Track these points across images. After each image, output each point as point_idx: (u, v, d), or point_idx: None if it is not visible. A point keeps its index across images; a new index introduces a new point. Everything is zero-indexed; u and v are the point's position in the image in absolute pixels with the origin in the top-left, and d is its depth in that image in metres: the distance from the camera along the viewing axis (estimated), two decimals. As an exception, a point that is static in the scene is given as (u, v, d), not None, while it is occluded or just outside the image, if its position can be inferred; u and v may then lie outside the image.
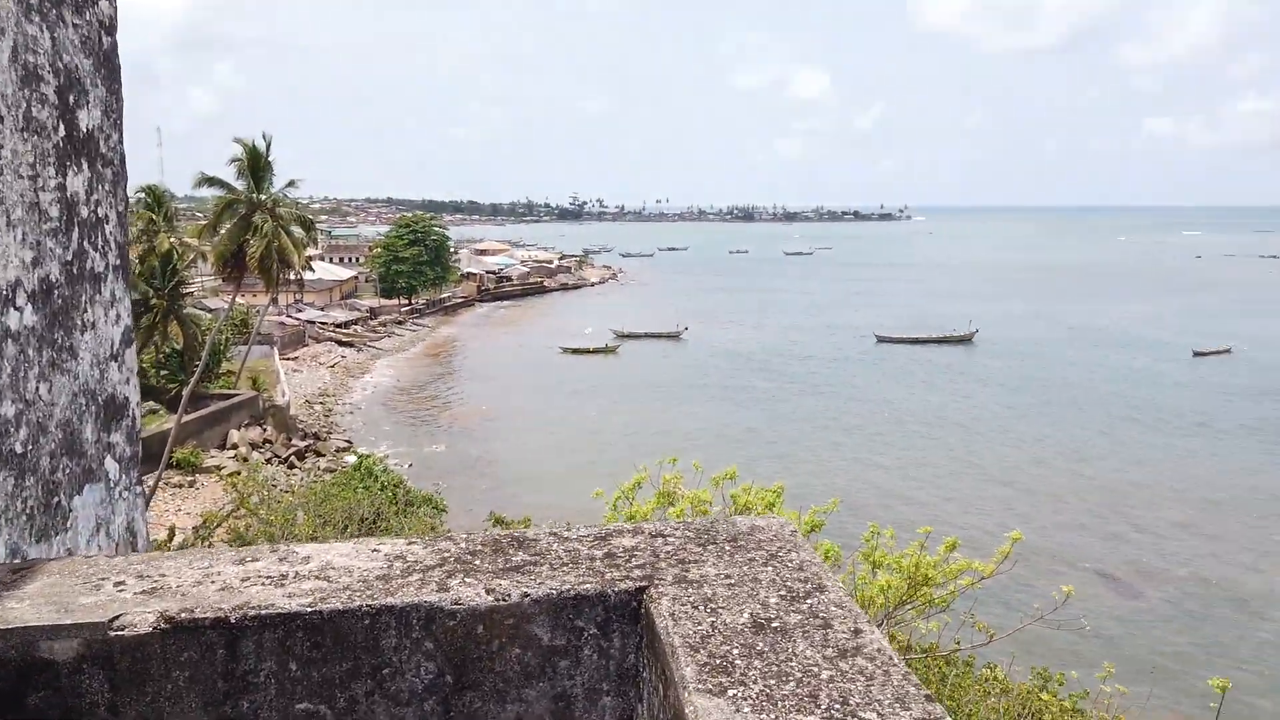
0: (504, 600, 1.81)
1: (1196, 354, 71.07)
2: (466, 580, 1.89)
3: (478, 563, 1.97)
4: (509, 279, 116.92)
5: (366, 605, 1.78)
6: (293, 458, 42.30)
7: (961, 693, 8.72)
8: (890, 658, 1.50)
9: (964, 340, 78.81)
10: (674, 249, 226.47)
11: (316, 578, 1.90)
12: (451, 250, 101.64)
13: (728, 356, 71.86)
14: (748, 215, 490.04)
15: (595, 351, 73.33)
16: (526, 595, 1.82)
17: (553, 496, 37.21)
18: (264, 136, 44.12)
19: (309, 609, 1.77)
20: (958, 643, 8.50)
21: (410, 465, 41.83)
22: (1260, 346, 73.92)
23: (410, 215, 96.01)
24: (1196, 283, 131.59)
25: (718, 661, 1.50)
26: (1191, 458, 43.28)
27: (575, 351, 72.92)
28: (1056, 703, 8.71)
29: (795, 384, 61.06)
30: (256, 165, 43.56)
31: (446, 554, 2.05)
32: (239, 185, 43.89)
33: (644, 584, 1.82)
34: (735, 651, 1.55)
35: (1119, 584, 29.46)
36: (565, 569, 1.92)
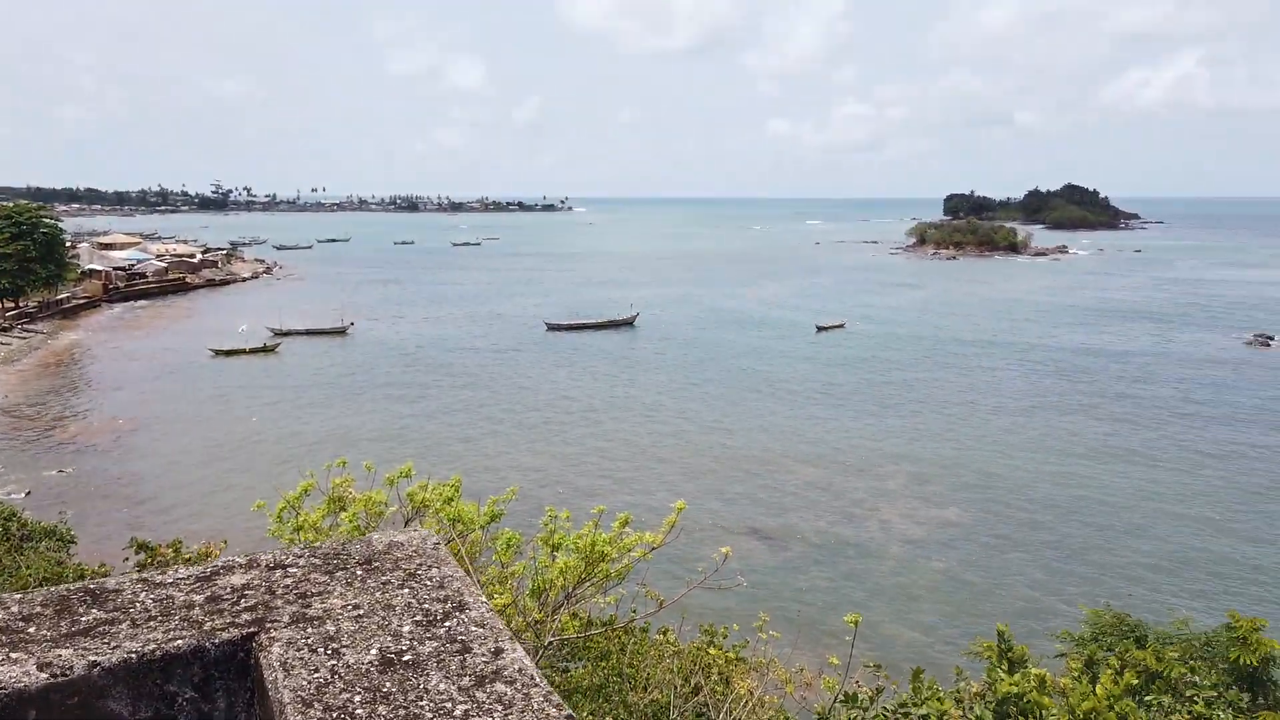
0: (64, 675, 1.41)
1: (819, 329, 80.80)
2: (12, 655, 1.46)
3: (32, 630, 1.54)
4: (143, 276, 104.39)
5: None
6: None
7: (639, 658, 9.05)
8: (531, 677, 1.36)
9: (627, 324, 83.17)
10: (334, 240, 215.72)
11: None
12: (68, 244, 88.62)
13: (398, 351, 69.72)
14: (412, 205, 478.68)
15: (251, 352, 67.75)
16: (96, 665, 1.43)
17: (209, 514, 33.84)
18: None
19: None
20: (634, 612, 8.81)
21: (28, 494, 35.89)
22: (867, 320, 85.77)
23: (10, 205, 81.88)
24: (817, 266, 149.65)
25: (334, 715, 1.27)
26: (819, 422, 49.06)
27: (228, 353, 66.86)
28: (722, 655, 9.34)
29: (469, 376, 60.70)
30: None
31: None
32: None
33: (254, 629, 1.52)
34: (357, 699, 1.32)
35: (769, 541, 32.67)
36: (154, 623, 1.55)
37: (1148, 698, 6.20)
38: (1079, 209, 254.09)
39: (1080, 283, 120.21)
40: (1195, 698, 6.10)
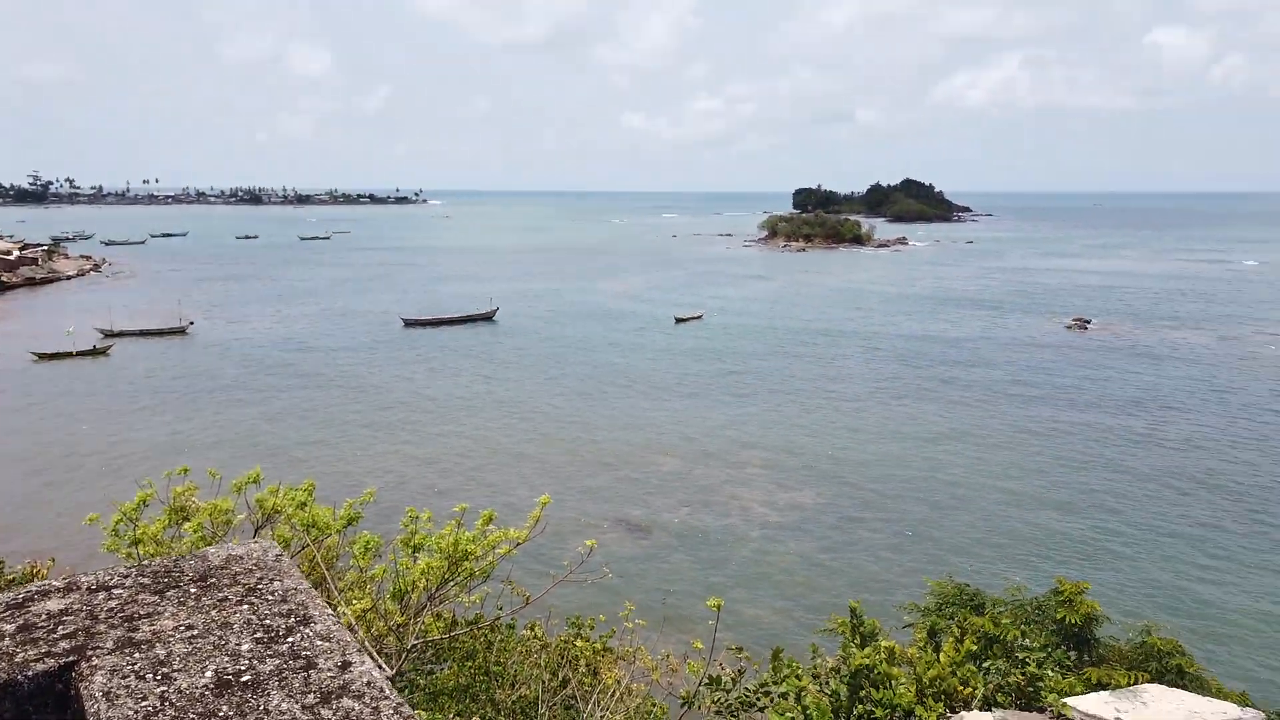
0: None
1: (678, 320, 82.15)
2: None
3: None
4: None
5: None
6: None
7: (506, 656, 8.98)
8: (381, 690, 1.31)
9: (486, 318, 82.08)
10: (170, 235, 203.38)
11: None
12: None
13: (242, 352, 66.34)
14: (255, 198, 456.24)
15: (80, 354, 62.97)
16: (-115, 710, 1.29)
17: (32, 530, 31.26)
18: None
19: None
20: (500, 610, 8.72)
21: None
22: (724, 311, 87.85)
23: None
24: (675, 259, 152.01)
25: (165, 745, 1.18)
26: (678, 413, 49.90)
27: (53, 356, 61.90)
28: (589, 646, 9.37)
29: (321, 376, 58.43)
30: None
31: None
32: None
33: (73, 658, 1.40)
34: (191, 727, 1.22)
35: (634, 532, 33.01)
36: (-45, 658, 1.40)
37: (986, 662, 6.61)
38: (917, 202, 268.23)
39: (919, 273, 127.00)
40: (1027, 660, 6.55)
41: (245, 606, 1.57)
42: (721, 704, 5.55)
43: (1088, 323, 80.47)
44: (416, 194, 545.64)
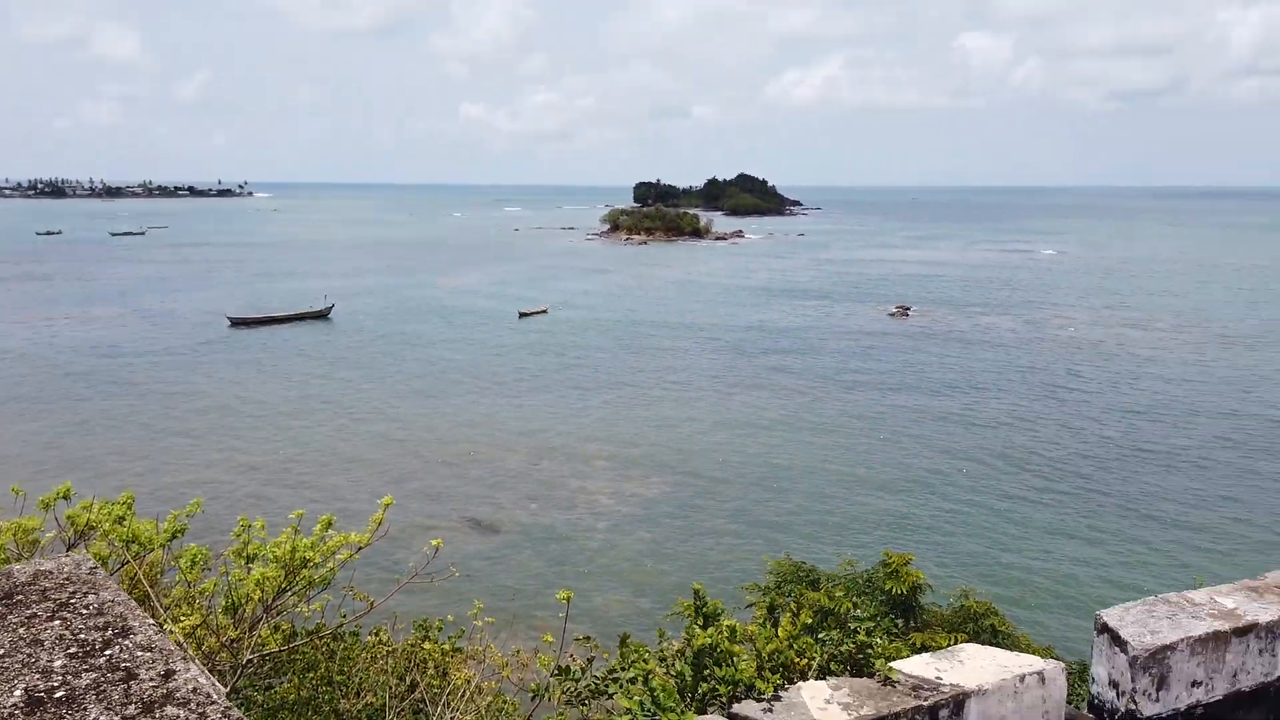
0: None
1: (522, 315, 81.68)
2: None
3: None
4: None
5: None
6: None
7: (350, 664, 8.74)
8: (207, 695, 1.28)
9: (321, 316, 78.82)
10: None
11: None
12: None
13: (45, 358, 60.97)
14: (57, 190, 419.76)
15: None
16: None
17: None
18: None
19: None
20: (343, 616, 8.47)
21: None
22: (568, 305, 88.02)
23: None
24: (518, 253, 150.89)
25: (-30, 772, 1.11)
26: (524, 409, 49.69)
27: None
28: (438, 648, 9.24)
29: (137, 382, 54.50)
30: None
31: None
32: None
33: None
34: (-2, 747, 1.16)
35: (481, 530, 32.65)
36: None
37: (821, 634, 6.96)
38: (751, 197, 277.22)
39: (755, 265, 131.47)
40: (858, 629, 6.94)
41: (57, 622, 1.49)
42: (571, 693, 5.62)
43: (909, 310, 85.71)
44: (241, 186, 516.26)
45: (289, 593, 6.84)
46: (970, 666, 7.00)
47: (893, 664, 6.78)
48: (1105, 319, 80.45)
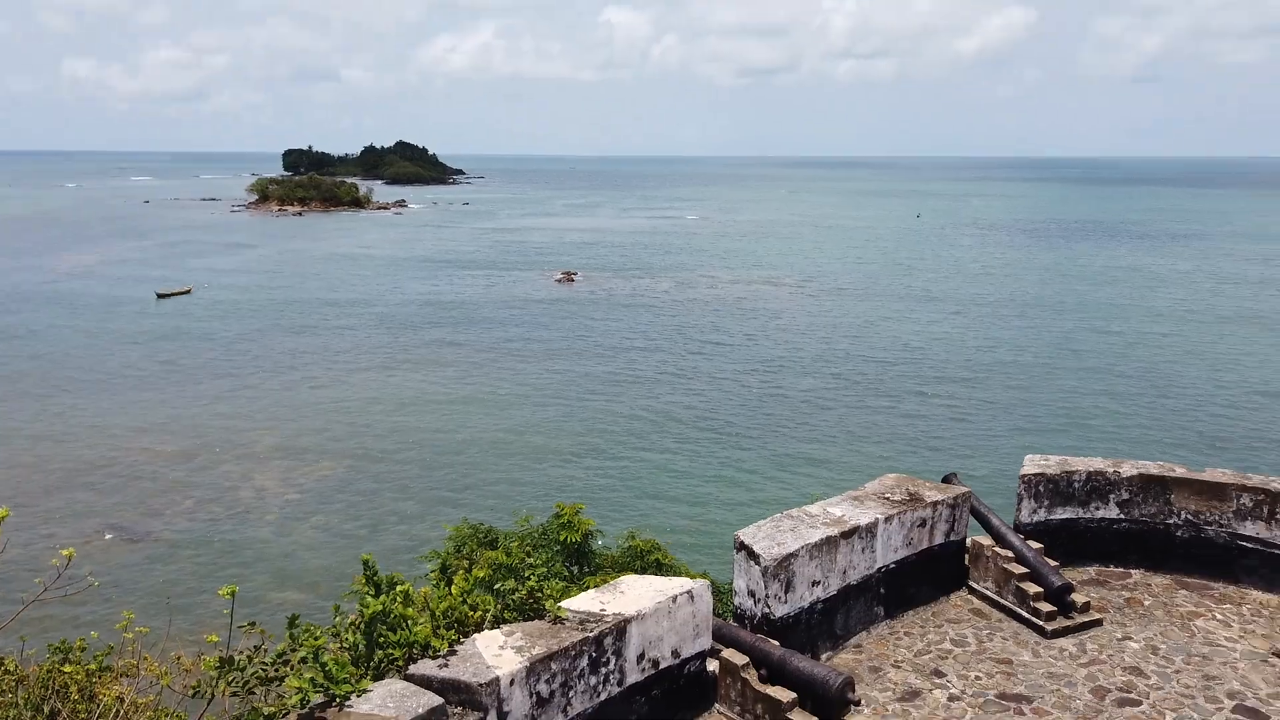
0: None
1: (160, 296, 73.64)
2: None
3: None
4: None
5: None
6: None
7: (-34, 706, 7.75)
8: None
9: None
10: None
11: None
12: None
13: None
14: None
15: None
16: None
17: None
18: None
19: None
20: (-45, 649, 7.47)
21: None
22: (215, 285, 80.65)
23: None
24: (151, 227, 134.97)
25: None
26: (172, 401, 45.17)
27: None
28: (81, 669, 8.44)
29: None
30: None
31: None
32: None
33: None
34: None
35: (129, 536, 29.41)
36: None
37: (496, 586, 7.33)
38: (412, 165, 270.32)
39: (420, 235, 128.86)
40: (530, 576, 7.39)
41: None
42: (238, 684, 5.48)
43: (574, 276, 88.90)
44: None
45: None
46: (630, 595, 7.75)
47: (562, 604, 7.32)
48: (744, 278, 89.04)
